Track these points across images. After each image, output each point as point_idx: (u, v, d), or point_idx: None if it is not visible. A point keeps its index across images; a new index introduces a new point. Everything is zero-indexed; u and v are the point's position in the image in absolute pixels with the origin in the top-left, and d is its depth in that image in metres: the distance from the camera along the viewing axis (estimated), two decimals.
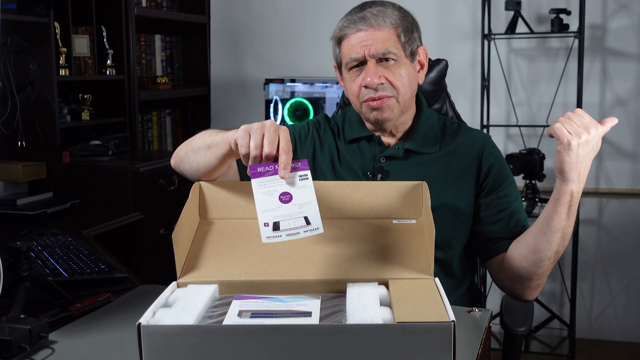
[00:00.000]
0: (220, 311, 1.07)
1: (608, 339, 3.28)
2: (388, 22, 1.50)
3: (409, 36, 1.52)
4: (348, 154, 1.61)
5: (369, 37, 1.49)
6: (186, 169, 1.49)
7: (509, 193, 1.56)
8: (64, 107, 2.75)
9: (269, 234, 1.15)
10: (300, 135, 1.65)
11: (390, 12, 1.51)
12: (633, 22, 3.07)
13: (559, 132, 1.29)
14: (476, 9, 3.17)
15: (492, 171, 1.56)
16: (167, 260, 1.42)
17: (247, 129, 1.24)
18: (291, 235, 1.15)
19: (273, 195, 1.18)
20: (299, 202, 1.18)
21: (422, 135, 1.59)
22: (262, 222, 1.16)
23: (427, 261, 1.18)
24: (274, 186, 1.19)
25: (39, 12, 2.44)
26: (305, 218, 1.16)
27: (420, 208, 1.30)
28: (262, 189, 1.19)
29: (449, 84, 1.91)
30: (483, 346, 1.17)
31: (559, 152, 1.30)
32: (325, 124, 1.67)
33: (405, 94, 1.53)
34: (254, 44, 3.58)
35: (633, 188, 3.16)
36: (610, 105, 3.12)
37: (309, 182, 1.20)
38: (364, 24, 1.49)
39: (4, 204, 2.44)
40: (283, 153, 1.19)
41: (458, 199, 1.54)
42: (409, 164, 1.57)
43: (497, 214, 1.54)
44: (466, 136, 1.61)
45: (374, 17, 1.49)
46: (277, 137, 1.21)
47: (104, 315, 1.33)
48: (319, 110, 3.13)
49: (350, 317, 1.02)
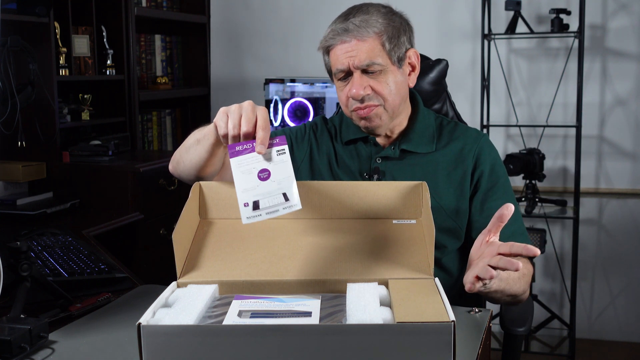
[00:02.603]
0: (220, 311, 1.07)
1: (608, 339, 3.28)
2: (371, 31, 1.48)
3: (394, 42, 1.50)
4: (345, 155, 1.61)
5: (353, 48, 1.48)
6: (182, 170, 1.51)
7: (501, 197, 1.55)
8: (64, 107, 2.75)
9: (249, 214, 1.17)
10: (297, 137, 1.66)
11: (374, 20, 1.49)
12: (633, 22, 3.07)
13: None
14: (476, 9, 3.17)
15: (486, 174, 1.56)
16: (167, 260, 1.42)
17: (225, 110, 1.28)
18: (271, 213, 1.17)
19: (252, 174, 1.20)
20: (277, 178, 1.19)
21: (418, 135, 1.59)
22: (242, 203, 1.18)
23: (427, 261, 1.18)
24: (252, 164, 1.21)
25: (39, 12, 2.44)
26: (284, 195, 1.18)
27: (420, 208, 1.30)
28: (241, 167, 1.21)
29: (449, 84, 1.91)
30: (483, 346, 1.17)
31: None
32: (323, 125, 1.68)
33: (394, 101, 1.52)
34: (254, 44, 3.58)
35: (633, 188, 3.16)
36: (610, 105, 3.12)
37: (286, 157, 1.22)
38: (346, 35, 1.48)
39: (4, 204, 2.45)
40: (260, 130, 1.22)
41: (454, 198, 1.54)
42: (405, 164, 1.57)
43: (485, 221, 1.54)
44: (463, 135, 1.61)
45: (357, 28, 1.48)
46: (254, 116, 1.25)
47: (104, 315, 1.33)
48: (319, 110, 3.13)
49: (350, 317, 1.02)
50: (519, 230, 1.53)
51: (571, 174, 3.13)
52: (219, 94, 3.64)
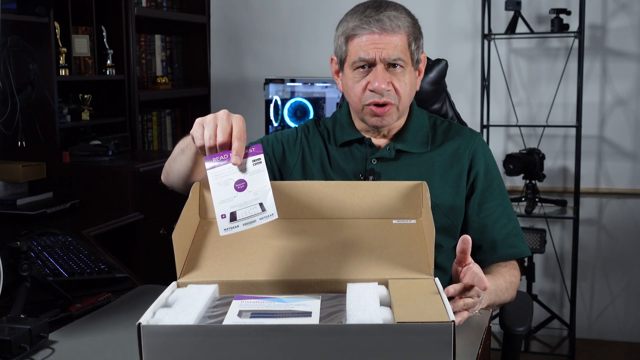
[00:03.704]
0: (220, 311, 1.07)
1: (608, 339, 3.28)
2: (402, 28, 1.49)
3: (417, 44, 1.53)
4: (339, 157, 1.61)
5: (383, 40, 1.48)
6: (172, 180, 1.53)
7: (497, 197, 1.56)
8: (64, 107, 2.75)
9: (227, 225, 1.16)
10: (289, 141, 1.65)
11: (404, 18, 1.51)
12: (633, 22, 3.07)
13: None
14: (476, 9, 3.17)
15: (481, 175, 1.57)
16: (167, 260, 1.42)
17: (201, 121, 1.27)
18: (248, 224, 1.16)
19: (229, 185, 1.19)
20: (254, 188, 1.19)
21: (413, 135, 1.59)
22: (220, 214, 1.17)
23: (427, 261, 1.18)
24: (229, 175, 1.20)
25: (39, 12, 2.44)
26: (260, 205, 1.17)
27: (420, 208, 1.30)
28: (218, 179, 1.20)
29: (449, 84, 1.91)
30: (483, 346, 1.17)
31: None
32: (315, 128, 1.67)
33: (406, 102, 1.54)
34: (254, 44, 3.58)
35: (633, 188, 3.16)
36: (610, 105, 3.12)
37: (262, 166, 1.21)
38: (379, 27, 1.48)
39: (4, 204, 2.45)
40: (235, 140, 1.22)
41: (450, 197, 1.54)
42: (400, 164, 1.58)
43: (482, 222, 1.55)
44: (457, 135, 1.62)
45: (390, 21, 1.48)
46: (229, 125, 1.24)
47: (104, 315, 1.33)
48: (319, 110, 3.13)
49: (350, 317, 1.02)
50: (513, 230, 1.55)
51: (571, 174, 3.13)
52: (219, 94, 3.64)
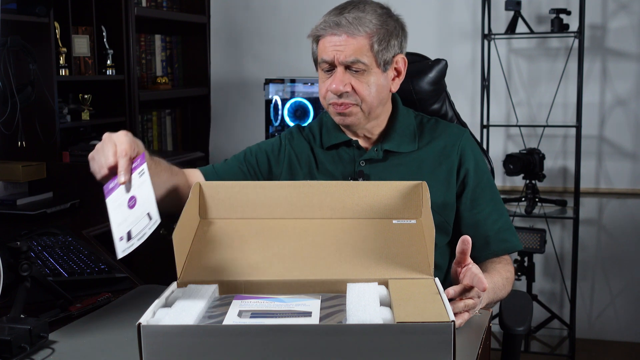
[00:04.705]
0: (220, 311, 1.07)
1: (608, 339, 3.28)
2: (362, 30, 1.49)
3: (384, 45, 1.51)
4: (327, 160, 1.61)
5: (341, 42, 1.49)
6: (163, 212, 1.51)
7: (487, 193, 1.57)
8: (64, 107, 2.75)
9: (124, 246, 1.13)
10: (273, 150, 1.65)
11: (368, 19, 1.50)
12: (633, 22, 3.07)
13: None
14: (476, 9, 3.17)
15: (471, 172, 1.57)
16: (167, 260, 1.42)
17: (92, 155, 1.28)
18: (140, 238, 1.13)
19: (123, 205, 1.18)
20: (141, 200, 1.17)
21: (399, 135, 1.59)
22: (118, 237, 1.15)
23: (427, 261, 1.18)
24: (122, 196, 1.20)
25: (39, 12, 2.44)
26: (148, 215, 1.15)
27: (420, 208, 1.30)
28: (114, 204, 1.20)
29: (448, 84, 1.91)
30: (483, 346, 1.17)
31: None
32: (299, 134, 1.67)
33: (371, 103, 1.53)
34: (254, 44, 3.58)
35: (633, 188, 3.16)
36: (610, 105, 3.12)
37: (145, 176, 1.20)
38: (337, 29, 1.49)
39: (4, 204, 2.44)
40: (119, 158, 1.22)
41: (440, 193, 1.55)
42: (388, 164, 1.58)
43: (474, 218, 1.56)
44: (445, 132, 1.62)
45: (349, 24, 1.48)
46: (112, 146, 1.23)
47: (104, 315, 1.33)
48: (319, 110, 3.13)
49: (350, 317, 1.02)
50: (505, 225, 1.57)
51: (571, 174, 3.13)
52: (219, 94, 3.64)
